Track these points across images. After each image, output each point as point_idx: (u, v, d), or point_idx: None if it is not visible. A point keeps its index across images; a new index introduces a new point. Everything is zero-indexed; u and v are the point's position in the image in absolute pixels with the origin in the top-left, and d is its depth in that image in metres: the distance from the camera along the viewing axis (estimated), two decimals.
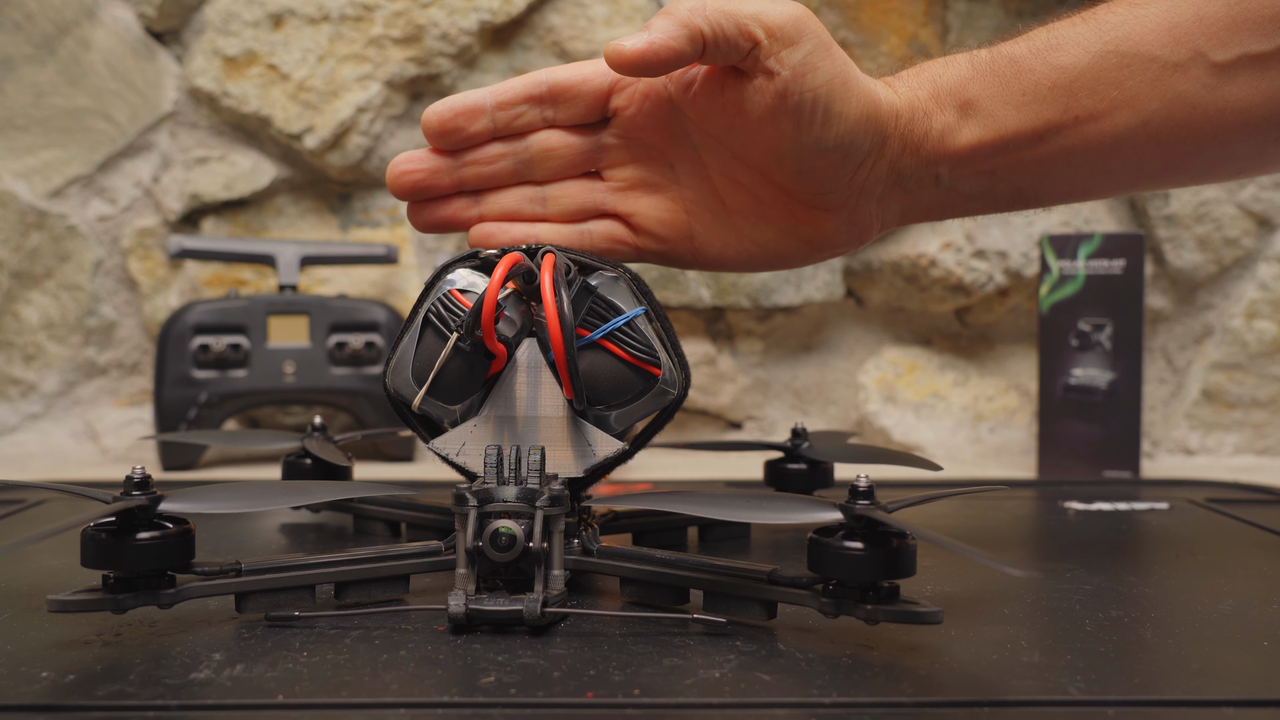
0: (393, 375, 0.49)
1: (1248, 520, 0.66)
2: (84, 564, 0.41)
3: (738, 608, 0.43)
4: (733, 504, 0.45)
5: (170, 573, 0.42)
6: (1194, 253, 1.01)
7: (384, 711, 0.35)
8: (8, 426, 1.04)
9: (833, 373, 1.08)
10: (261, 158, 1.04)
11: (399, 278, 1.05)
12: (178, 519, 0.42)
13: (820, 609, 0.41)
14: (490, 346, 0.46)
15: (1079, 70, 0.49)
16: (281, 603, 0.44)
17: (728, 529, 0.60)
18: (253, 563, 0.44)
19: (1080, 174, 0.51)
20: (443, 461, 0.49)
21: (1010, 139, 0.49)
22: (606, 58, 0.46)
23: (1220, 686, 0.37)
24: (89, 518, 0.40)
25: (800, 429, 0.63)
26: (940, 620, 0.39)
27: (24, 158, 1.02)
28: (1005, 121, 0.49)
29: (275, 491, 0.46)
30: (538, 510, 0.43)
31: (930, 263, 1.01)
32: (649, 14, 1.01)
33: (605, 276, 0.48)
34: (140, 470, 0.42)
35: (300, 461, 0.62)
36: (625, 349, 0.47)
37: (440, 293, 0.48)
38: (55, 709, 0.35)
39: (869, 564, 0.39)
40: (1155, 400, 1.05)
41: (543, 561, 0.43)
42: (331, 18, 1.00)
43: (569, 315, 0.45)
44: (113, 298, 1.05)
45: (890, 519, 0.39)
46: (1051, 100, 0.49)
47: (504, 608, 0.42)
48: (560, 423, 0.48)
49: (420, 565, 0.47)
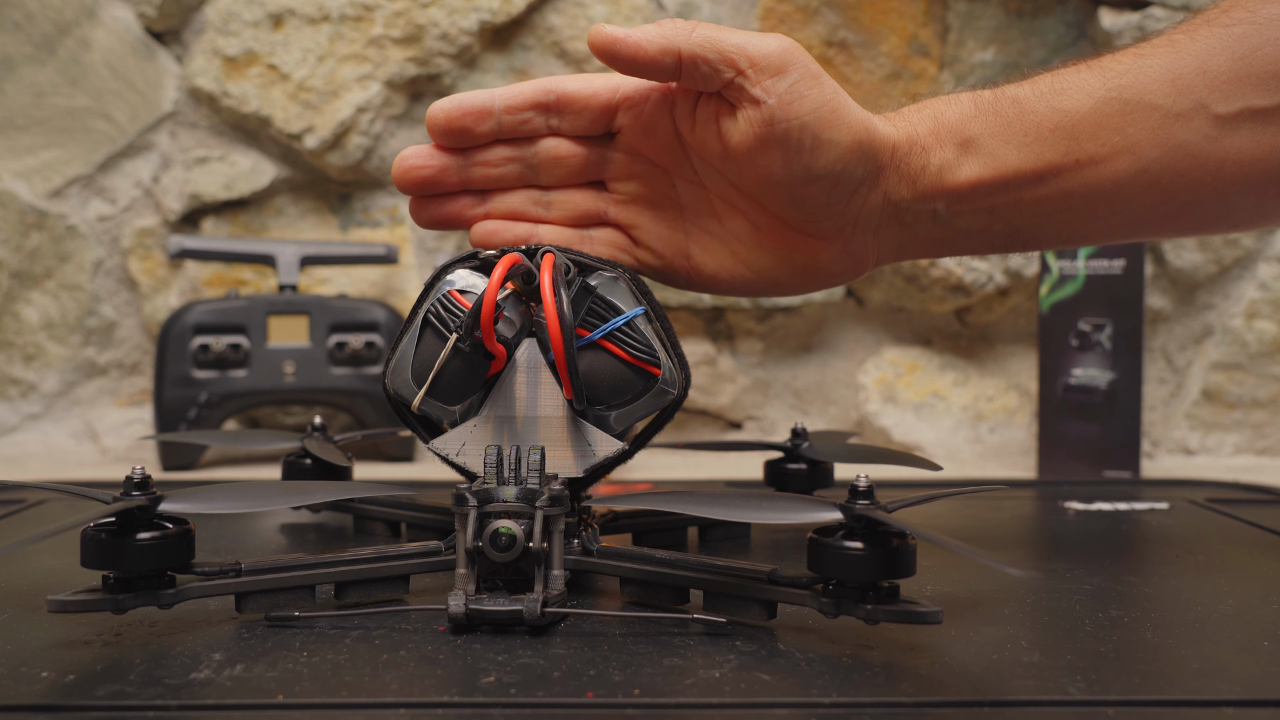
0: (392, 376, 0.49)
1: (1248, 520, 0.66)
2: (84, 564, 0.41)
3: (738, 608, 0.43)
4: (733, 504, 0.45)
5: (170, 573, 0.42)
6: (1194, 253, 1.01)
7: (384, 711, 0.35)
8: (8, 426, 1.04)
9: (833, 373, 1.08)
10: (261, 158, 1.04)
11: (399, 278, 1.05)
12: (178, 519, 0.42)
13: (820, 609, 0.41)
14: (489, 347, 0.46)
15: (1082, 114, 0.49)
16: (282, 603, 0.44)
17: (728, 529, 0.60)
18: (252, 563, 0.44)
19: (1079, 217, 0.51)
20: (442, 462, 0.49)
21: (1010, 178, 0.50)
22: (589, 34, 0.48)
23: (1220, 686, 0.37)
24: (89, 518, 0.40)
25: (800, 429, 0.63)
26: (940, 620, 0.39)
27: (24, 158, 1.02)
28: (1006, 160, 0.49)
29: (275, 492, 0.46)
30: (538, 510, 0.43)
31: (930, 263, 1.01)
32: (649, 14, 1.02)
33: (605, 277, 0.48)
34: (140, 470, 0.42)
35: (300, 462, 0.62)
36: (625, 349, 0.47)
37: (440, 293, 0.48)
38: (55, 709, 0.35)
39: (869, 564, 0.39)
40: (1155, 400, 1.05)
41: (543, 562, 0.43)
42: (331, 18, 1.00)
43: (569, 315, 0.45)
44: (113, 298, 1.05)
45: (890, 519, 0.39)
46: (1053, 142, 0.49)
47: (504, 608, 0.42)
48: (560, 423, 0.48)
49: (420, 565, 0.47)
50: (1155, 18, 0.97)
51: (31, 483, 0.48)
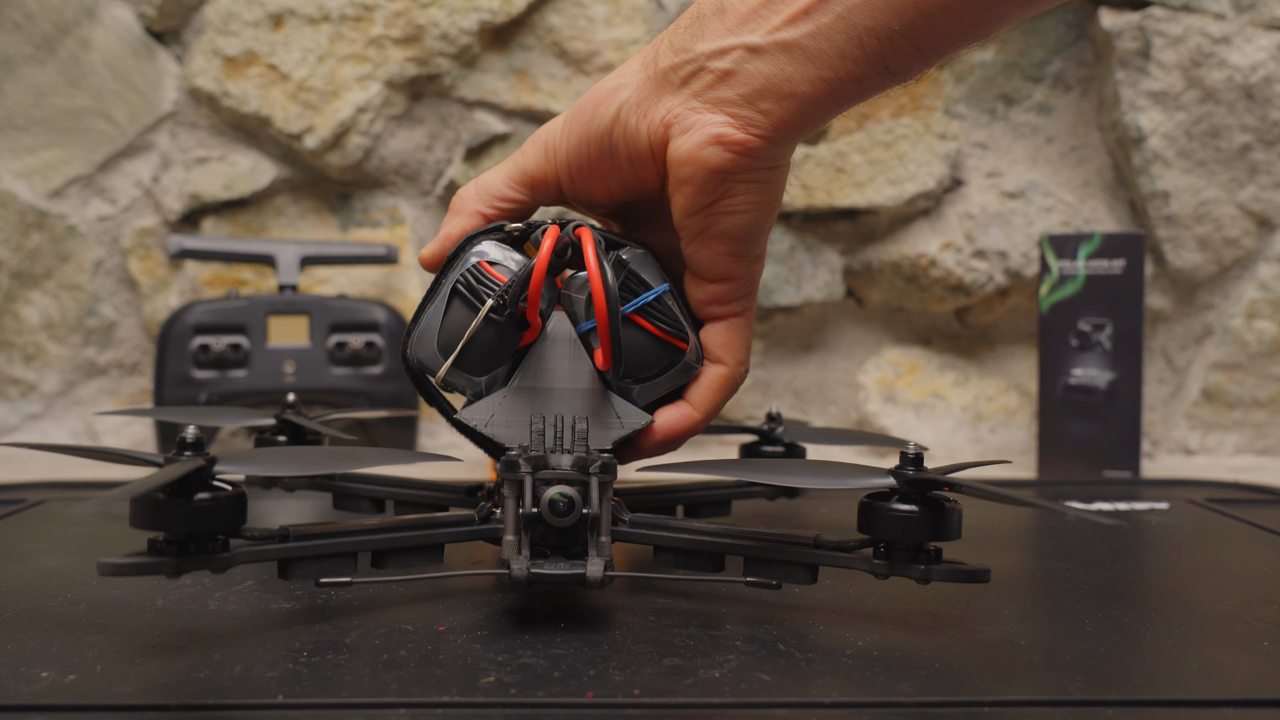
0: (416, 346, 0.48)
1: (1248, 520, 0.66)
2: (133, 525, 0.39)
3: (780, 572, 0.44)
4: (789, 470, 0.47)
5: (222, 536, 0.41)
6: (1194, 253, 1.01)
7: (384, 711, 0.35)
8: (8, 426, 1.04)
9: (833, 373, 1.08)
10: (261, 158, 1.04)
11: (399, 278, 1.05)
12: (231, 482, 0.41)
13: (872, 570, 0.43)
14: (530, 318, 0.47)
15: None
16: (327, 569, 0.44)
17: (714, 508, 0.61)
18: (298, 529, 0.44)
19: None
20: (463, 434, 0.49)
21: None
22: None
23: (1220, 686, 0.37)
24: (157, 478, 0.38)
25: (775, 413, 0.64)
26: (988, 579, 0.41)
27: (24, 158, 1.02)
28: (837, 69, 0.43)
29: (325, 457, 0.46)
30: (592, 477, 0.43)
31: (930, 263, 1.02)
32: (649, 14, 1.02)
33: (634, 252, 0.48)
34: (193, 431, 0.40)
35: (273, 439, 0.62)
36: (654, 323, 0.48)
37: (468, 264, 0.48)
38: (55, 709, 0.35)
39: (921, 525, 0.41)
40: (1155, 400, 1.05)
41: (596, 528, 0.43)
42: (331, 18, 1.00)
43: (614, 287, 0.45)
44: (113, 298, 1.05)
45: (950, 479, 0.41)
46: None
47: (565, 571, 0.42)
48: (589, 394, 0.48)
49: (457, 534, 0.47)
50: (1155, 17, 0.97)
51: (75, 447, 0.45)
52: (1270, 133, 0.99)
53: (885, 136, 1.01)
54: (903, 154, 1.01)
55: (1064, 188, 1.03)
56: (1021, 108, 1.03)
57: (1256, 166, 0.99)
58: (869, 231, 1.04)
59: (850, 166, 1.01)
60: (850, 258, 1.05)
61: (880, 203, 1.01)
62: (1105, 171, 1.04)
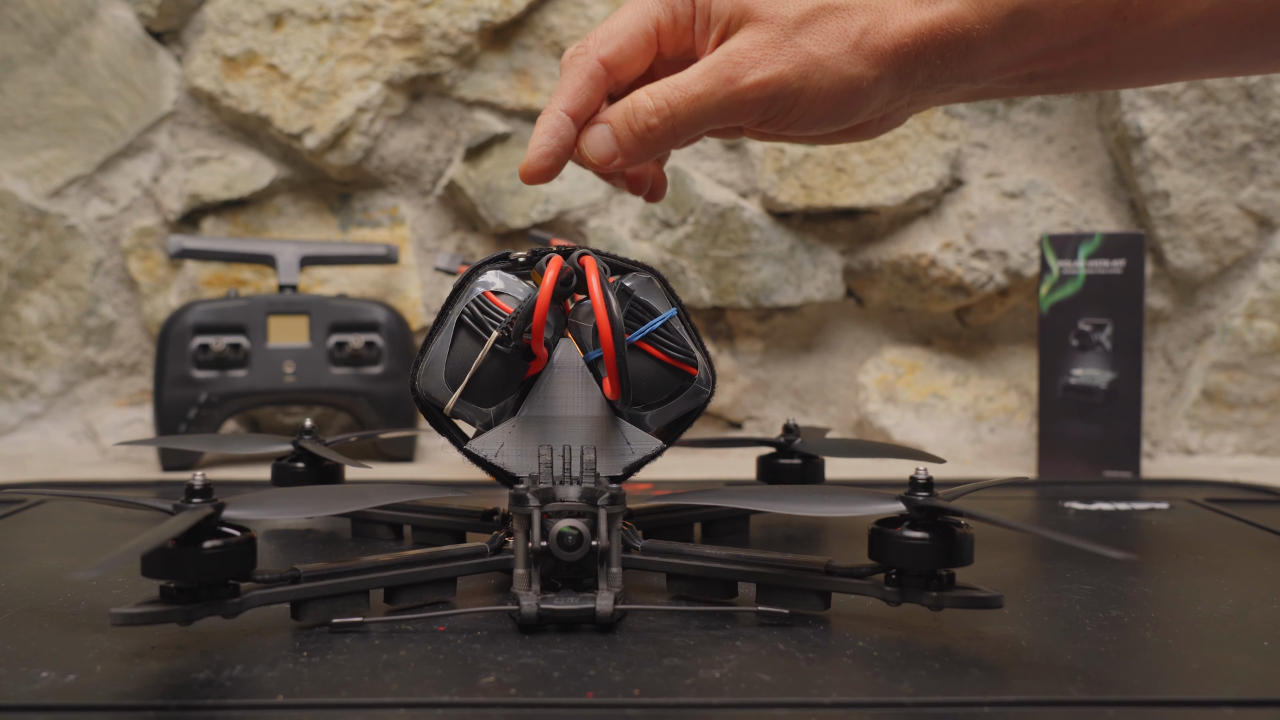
0: (424, 377, 0.48)
1: (1248, 520, 0.66)
2: (144, 574, 0.39)
3: (792, 599, 0.44)
4: (796, 499, 0.46)
5: (233, 581, 0.41)
6: (1194, 253, 1.01)
7: (384, 711, 0.35)
8: (8, 426, 1.04)
9: (833, 373, 1.08)
10: (261, 158, 1.04)
11: (399, 278, 1.05)
12: (240, 526, 0.41)
13: (884, 598, 0.42)
14: (535, 349, 0.47)
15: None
16: (338, 609, 0.44)
17: (731, 524, 0.60)
18: (309, 569, 0.44)
19: (1119, 71, 0.49)
20: (475, 463, 0.49)
21: (1055, 45, 0.48)
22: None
23: (1220, 686, 0.37)
24: (165, 531, 0.38)
25: (792, 425, 0.64)
26: (1002, 604, 0.40)
27: (24, 158, 1.02)
28: (1052, 30, 0.47)
29: (334, 496, 0.45)
30: (600, 509, 0.43)
31: (930, 263, 1.02)
32: None
33: (638, 278, 0.48)
34: (200, 478, 0.40)
35: (291, 466, 0.62)
36: (663, 350, 0.47)
37: (473, 295, 0.48)
38: (55, 709, 0.35)
39: (932, 553, 0.40)
40: (1155, 400, 1.05)
41: (606, 559, 0.43)
42: (331, 18, 1.00)
43: (619, 317, 0.45)
44: (113, 298, 1.05)
45: (958, 508, 0.40)
46: (1102, 4, 0.47)
47: (574, 606, 0.42)
48: (598, 422, 0.48)
49: (469, 567, 0.47)
50: None
51: (79, 482, 0.46)
52: (1270, 133, 0.98)
53: (885, 136, 1.01)
54: (903, 154, 1.01)
55: (1064, 188, 1.03)
56: (1021, 107, 1.03)
57: (1256, 166, 0.99)
58: (869, 231, 1.04)
59: (850, 166, 1.01)
60: (850, 258, 1.05)
61: (880, 202, 1.01)
62: (1105, 171, 1.04)
